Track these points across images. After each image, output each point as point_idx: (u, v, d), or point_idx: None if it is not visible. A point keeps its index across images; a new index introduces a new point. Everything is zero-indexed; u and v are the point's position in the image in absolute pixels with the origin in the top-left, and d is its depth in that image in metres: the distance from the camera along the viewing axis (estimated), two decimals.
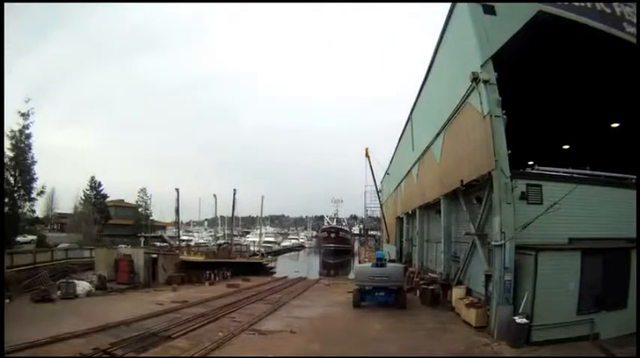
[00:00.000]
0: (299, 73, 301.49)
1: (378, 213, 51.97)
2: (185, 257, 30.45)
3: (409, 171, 24.96)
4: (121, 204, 57.60)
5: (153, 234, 53.95)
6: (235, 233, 57.16)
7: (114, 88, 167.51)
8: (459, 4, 13.26)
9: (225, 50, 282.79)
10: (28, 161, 25.65)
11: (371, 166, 39.52)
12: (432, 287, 16.01)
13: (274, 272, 38.12)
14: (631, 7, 12.64)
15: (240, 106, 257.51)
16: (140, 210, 58.05)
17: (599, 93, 15.63)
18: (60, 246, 30.20)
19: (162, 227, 64.01)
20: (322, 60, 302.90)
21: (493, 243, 10.88)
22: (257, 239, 54.10)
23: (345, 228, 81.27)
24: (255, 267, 36.31)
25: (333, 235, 71.14)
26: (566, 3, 11.89)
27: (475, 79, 11.26)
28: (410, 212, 26.30)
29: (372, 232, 69.65)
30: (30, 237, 32.28)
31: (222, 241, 51.15)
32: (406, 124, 26.60)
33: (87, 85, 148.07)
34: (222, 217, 64.81)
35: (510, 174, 10.59)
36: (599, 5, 12.34)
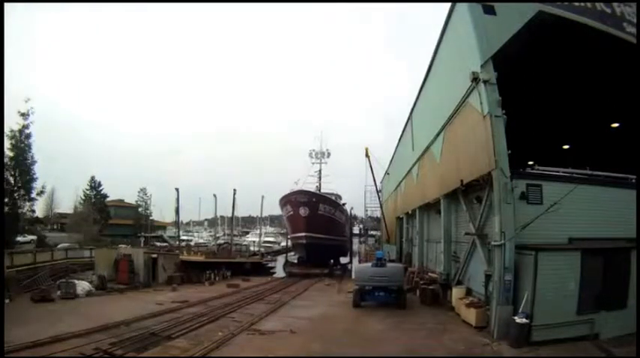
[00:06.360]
0: (298, 73, 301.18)
1: (378, 213, 51.87)
2: (185, 257, 30.33)
3: (409, 171, 24.94)
4: (120, 204, 57.63)
5: (153, 234, 53.89)
6: (235, 233, 57.08)
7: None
8: (459, 4, 13.25)
9: (226, 51, 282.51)
10: (28, 161, 25.67)
11: (371, 166, 39.26)
12: (431, 287, 16.04)
13: (274, 272, 38.12)
14: (631, 7, 12.66)
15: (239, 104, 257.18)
16: (140, 209, 58.22)
17: (599, 93, 15.63)
18: (60, 246, 30.13)
19: (163, 227, 64.08)
20: (321, 59, 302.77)
21: (493, 243, 10.90)
22: (257, 239, 54.00)
23: (335, 198, 45.68)
24: (255, 267, 36.30)
25: (303, 210, 34.29)
26: (566, 3, 11.90)
27: (475, 79, 11.29)
28: (410, 212, 26.29)
29: (372, 232, 69.09)
30: (30, 237, 32.29)
31: (222, 241, 51.09)
32: (406, 124, 26.57)
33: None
34: (222, 217, 64.80)
35: (510, 174, 10.60)
36: (599, 5, 12.35)
